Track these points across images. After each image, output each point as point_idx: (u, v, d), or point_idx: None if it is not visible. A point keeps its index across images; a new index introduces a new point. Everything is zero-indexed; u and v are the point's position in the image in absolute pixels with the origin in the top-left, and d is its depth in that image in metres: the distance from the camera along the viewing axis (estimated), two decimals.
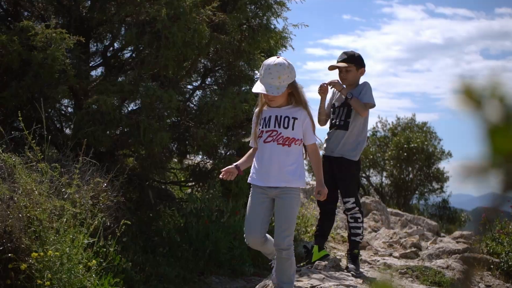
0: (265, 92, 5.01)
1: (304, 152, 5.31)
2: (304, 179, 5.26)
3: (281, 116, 5.13)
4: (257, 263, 7.81)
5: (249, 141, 5.36)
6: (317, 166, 5.31)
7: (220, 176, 5.29)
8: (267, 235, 5.28)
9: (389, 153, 20.87)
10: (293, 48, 9.20)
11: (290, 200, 5.10)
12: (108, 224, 5.94)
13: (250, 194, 5.26)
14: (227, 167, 5.26)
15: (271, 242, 5.28)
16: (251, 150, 5.35)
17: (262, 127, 5.17)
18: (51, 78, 7.04)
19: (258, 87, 5.06)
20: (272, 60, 5.06)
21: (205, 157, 9.06)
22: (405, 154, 20.43)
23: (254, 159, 5.27)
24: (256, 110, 5.30)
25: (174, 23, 7.43)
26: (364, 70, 7.11)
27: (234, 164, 5.29)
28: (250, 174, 5.26)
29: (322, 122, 7.26)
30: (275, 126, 5.11)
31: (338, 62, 7.10)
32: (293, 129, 5.10)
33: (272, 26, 8.58)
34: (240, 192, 8.13)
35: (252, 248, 5.41)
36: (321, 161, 5.38)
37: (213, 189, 8.21)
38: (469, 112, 1.05)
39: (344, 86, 7.08)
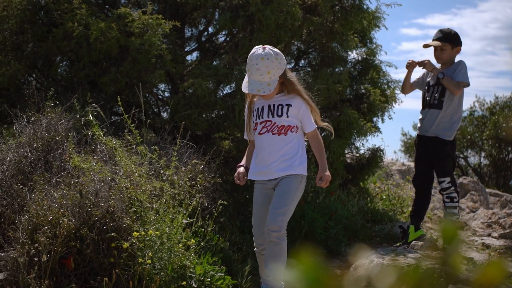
0: (257, 93, 4.80)
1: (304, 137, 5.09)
2: (305, 167, 4.99)
3: (274, 105, 4.88)
4: (352, 243, 7.81)
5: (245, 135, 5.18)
6: (319, 151, 5.03)
7: (236, 179, 5.05)
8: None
9: (487, 132, 20.36)
10: (386, 28, 9.16)
11: (288, 182, 4.86)
12: (206, 204, 6.07)
13: (254, 192, 5.07)
14: (238, 172, 5.03)
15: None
16: (249, 145, 5.17)
17: (256, 119, 4.95)
18: (148, 63, 7.21)
19: (248, 86, 4.80)
20: (258, 53, 4.74)
21: None
22: (504, 133, 19.88)
23: (253, 153, 5.07)
24: (247, 101, 5.04)
25: (267, 6, 7.48)
26: (460, 49, 7.01)
27: (241, 165, 5.08)
28: (250, 169, 5.06)
29: (404, 91, 7.44)
30: (268, 116, 4.87)
31: (433, 40, 7.03)
32: (287, 116, 4.85)
33: (365, 6, 8.51)
34: (334, 173, 8.14)
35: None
36: (323, 146, 5.07)
37: (308, 170, 8.22)
38: None
39: (436, 66, 7.02)
